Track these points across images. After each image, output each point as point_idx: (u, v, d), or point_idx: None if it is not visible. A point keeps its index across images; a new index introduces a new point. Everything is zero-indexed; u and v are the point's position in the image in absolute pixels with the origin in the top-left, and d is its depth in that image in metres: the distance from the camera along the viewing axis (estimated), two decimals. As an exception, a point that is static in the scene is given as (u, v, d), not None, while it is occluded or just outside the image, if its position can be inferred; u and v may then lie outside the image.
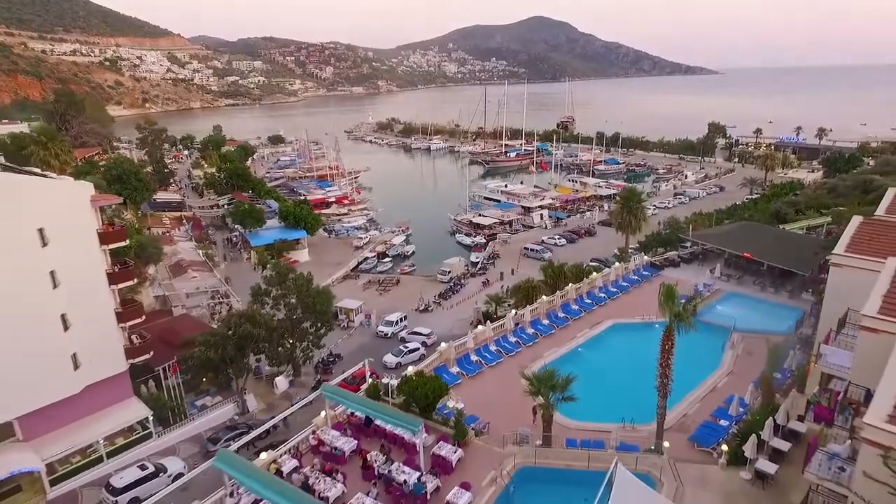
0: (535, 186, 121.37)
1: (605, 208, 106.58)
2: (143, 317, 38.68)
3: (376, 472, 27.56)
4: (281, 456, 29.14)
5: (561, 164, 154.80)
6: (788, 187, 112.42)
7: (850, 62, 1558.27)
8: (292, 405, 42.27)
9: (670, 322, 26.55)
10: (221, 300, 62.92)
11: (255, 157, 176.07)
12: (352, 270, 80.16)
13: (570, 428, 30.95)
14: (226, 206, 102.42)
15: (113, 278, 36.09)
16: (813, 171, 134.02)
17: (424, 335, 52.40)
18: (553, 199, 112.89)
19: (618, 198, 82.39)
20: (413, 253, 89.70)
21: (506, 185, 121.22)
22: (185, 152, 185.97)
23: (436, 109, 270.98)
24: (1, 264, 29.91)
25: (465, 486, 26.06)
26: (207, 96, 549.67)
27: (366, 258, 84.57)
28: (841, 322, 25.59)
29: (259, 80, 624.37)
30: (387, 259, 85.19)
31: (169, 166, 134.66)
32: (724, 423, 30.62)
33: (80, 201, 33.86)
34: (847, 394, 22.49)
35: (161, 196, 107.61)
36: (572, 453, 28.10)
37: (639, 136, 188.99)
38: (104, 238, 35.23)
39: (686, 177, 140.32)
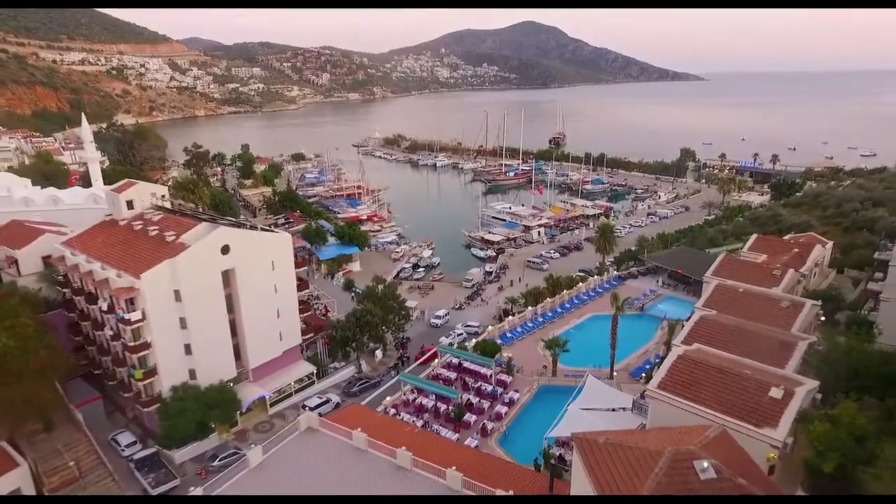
0: (534, 207, 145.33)
1: (591, 226, 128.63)
2: (311, 311, 63.83)
3: (470, 387, 53.93)
4: (419, 380, 55.09)
5: (552, 183, 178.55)
6: (738, 210, 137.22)
7: (836, 67, 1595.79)
8: (388, 368, 67.88)
9: (616, 311, 52.54)
10: (315, 301, 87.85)
11: (281, 173, 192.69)
12: (394, 278, 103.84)
13: (566, 368, 56.74)
14: (284, 225, 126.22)
15: (298, 287, 61.29)
16: (762, 195, 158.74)
17: (476, 326, 75.86)
18: (548, 218, 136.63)
19: (597, 227, 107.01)
20: (439, 263, 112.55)
21: (510, 207, 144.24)
22: (219, 168, 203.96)
23: (434, 120, 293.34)
24: (262, 281, 55.16)
25: (516, 391, 52.72)
26: (211, 104, 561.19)
27: (403, 268, 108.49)
28: (702, 311, 51.48)
29: (259, 87, 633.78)
30: (420, 269, 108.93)
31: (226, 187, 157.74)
32: (647, 366, 56.64)
33: (287, 244, 58.99)
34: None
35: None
36: (567, 379, 54.02)
37: (621, 157, 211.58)
38: (296, 264, 60.44)
39: (660, 196, 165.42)
